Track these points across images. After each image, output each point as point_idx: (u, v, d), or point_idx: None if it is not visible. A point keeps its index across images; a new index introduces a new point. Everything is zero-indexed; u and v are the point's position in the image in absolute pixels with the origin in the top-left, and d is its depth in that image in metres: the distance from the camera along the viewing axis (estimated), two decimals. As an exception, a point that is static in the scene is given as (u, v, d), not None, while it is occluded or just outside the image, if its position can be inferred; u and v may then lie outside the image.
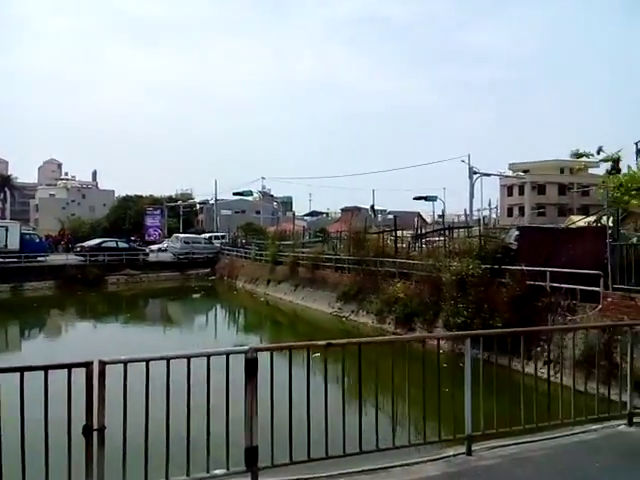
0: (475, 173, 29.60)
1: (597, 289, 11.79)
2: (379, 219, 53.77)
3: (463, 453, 4.63)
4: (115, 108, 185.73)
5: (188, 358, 3.87)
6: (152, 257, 39.88)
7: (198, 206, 65.42)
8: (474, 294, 14.49)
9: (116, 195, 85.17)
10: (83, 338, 20.51)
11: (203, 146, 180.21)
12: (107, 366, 3.56)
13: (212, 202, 56.13)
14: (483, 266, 14.95)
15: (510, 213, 61.47)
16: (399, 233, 22.92)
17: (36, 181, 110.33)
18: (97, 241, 39.12)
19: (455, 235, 21.53)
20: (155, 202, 57.85)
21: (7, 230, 33.52)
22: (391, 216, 39.64)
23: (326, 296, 22.86)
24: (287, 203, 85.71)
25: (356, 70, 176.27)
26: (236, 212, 59.44)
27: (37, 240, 36.17)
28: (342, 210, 65.19)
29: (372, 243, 21.31)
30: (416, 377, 4.78)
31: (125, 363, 3.65)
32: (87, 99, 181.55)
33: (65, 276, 32.58)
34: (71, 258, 35.88)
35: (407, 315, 17.23)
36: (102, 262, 35.43)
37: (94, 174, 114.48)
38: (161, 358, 3.79)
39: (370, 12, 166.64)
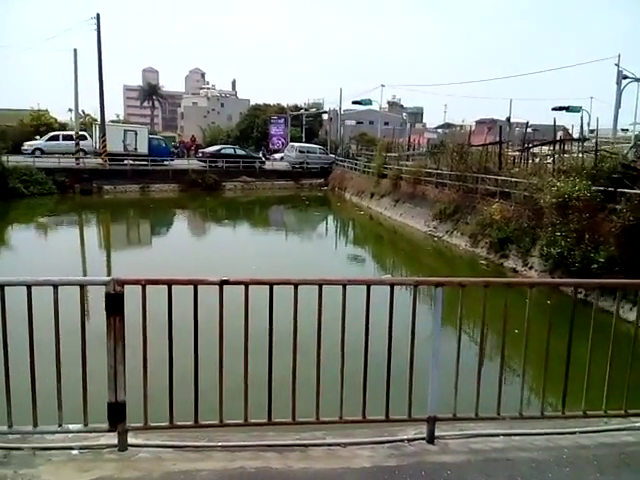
0: (625, 78, 24.36)
1: None
2: (516, 132, 48.56)
3: (423, 438, 3.53)
4: (255, 19, 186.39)
5: (28, 286, 3.16)
6: (268, 165, 40.65)
7: (325, 116, 64.66)
8: (576, 221, 12.22)
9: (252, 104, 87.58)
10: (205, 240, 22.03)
11: (335, 57, 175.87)
12: None
13: (339, 112, 54.81)
14: (594, 188, 12.42)
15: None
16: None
17: (183, 90, 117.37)
18: (216, 148, 40.74)
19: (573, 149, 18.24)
20: (281, 111, 58.19)
21: (136, 134, 36.14)
22: (530, 130, 35.16)
23: (423, 213, 21.43)
24: (417, 114, 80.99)
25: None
26: (359, 122, 57.29)
27: (163, 145, 38.60)
28: (476, 122, 60.03)
29: (475, 157, 18.96)
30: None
31: None
32: (229, 11, 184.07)
33: (187, 180, 34.65)
34: (193, 163, 37.94)
35: (501, 240, 15.40)
36: (220, 168, 36.89)
37: (233, 83, 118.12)
38: None
39: None
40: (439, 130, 62.38)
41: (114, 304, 3.19)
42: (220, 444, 3.43)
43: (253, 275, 3.46)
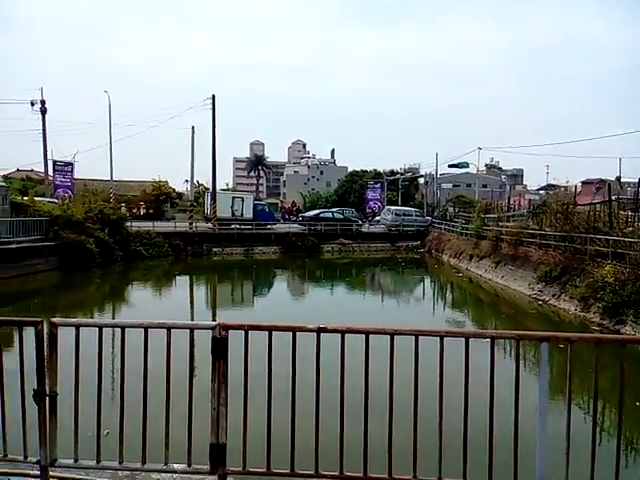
0: None
1: None
2: (628, 192, 45.26)
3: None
4: (350, 90, 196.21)
5: (145, 328, 3.45)
6: (364, 228, 41.22)
7: (421, 180, 65.04)
8: None
9: (349, 170, 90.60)
10: (303, 299, 22.71)
11: (430, 121, 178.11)
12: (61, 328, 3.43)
13: (435, 175, 54.97)
14: None
15: None
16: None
17: (286, 160, 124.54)
18: (316, 212, 42.22)
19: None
20: (377, 176, 59.45)
21: (243, 201, 38.68)
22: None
23: (527, 276, 20.31)
24: (517, 176, 78.67)
25: (604, 24, 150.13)
26: (455, 185, 56.84)
27: (267, 210, 40.79)
28: (582, 183, 56.90)
29: (582, 217, 17.90)
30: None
31: (77, 327, 3.48)
32: (327, 83, 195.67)
33: (287, 243, 36.08)
34: (293, 227, 39.51)
35: (616, 305, 14.12)
36: (319, 231, 38.07)
37: (332, 152, 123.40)
38: (113, 325, 3.60)
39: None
40: (541, 192, 59.81)
41: (219, 348, 3.40)
42: (314, 496, 3.42)
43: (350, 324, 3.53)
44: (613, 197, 19.27)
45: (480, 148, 48.89)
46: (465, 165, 45.81)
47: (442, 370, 3.35)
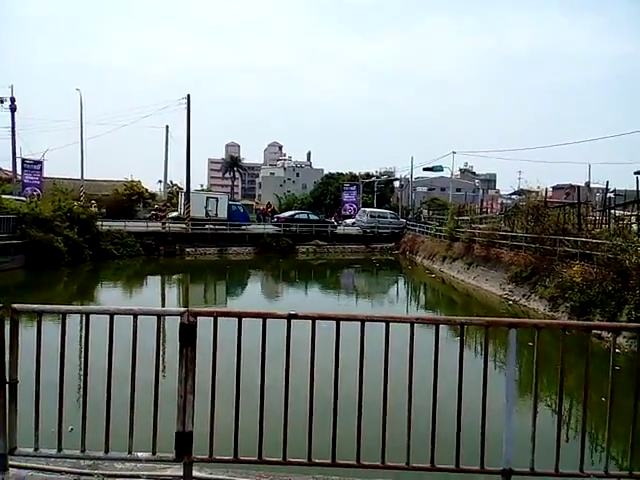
0: None
1: None
2: (597, 198, 46.51)
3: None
4: (328, 94, 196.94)
5: (111, 314, 3.38)
6: (339, 230, 41.33)
7: (397, 183, 65.59)
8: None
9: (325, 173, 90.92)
10: (277, 298, 22.60)
11: (406, 126, 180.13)
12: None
13: (410, 178, 55.50)
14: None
15: None
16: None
17: (262, 162, 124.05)
18: (291, 213, 42.20)
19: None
20: (353, 179, 59.75)
21: (217, 201, 38.35)
22: (612, 194, 33.62)
23: (498, 277, 20.68)
24: (490, 181, 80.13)
25: (576, 36, 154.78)
26: (430, 189, 57.54)
27: (241, 211, 40.54)
28: (553, 188, 58.22)
29: (552, 219, 18.30)
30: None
31: (39, 313, 3.39)
32: (304, 87, 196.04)
33: (262, 243, 35.90)
34: (268, 227, 39.38)
35: (583, 304, 14.45)
36: (294, 232, 37.99)
37: (308, 155, 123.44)
38: (78, 312, 3.51)
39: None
40: (513, 196, 60.94)
41: (187, 334, 3.33)
42: (283, 484, 3.38)
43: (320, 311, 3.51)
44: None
45: (454, 152, 49.47)
46: (440, 169, 46.36)
47: (412, 357, 3.36)
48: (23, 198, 29.53)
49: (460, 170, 79.23)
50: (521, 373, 5.02)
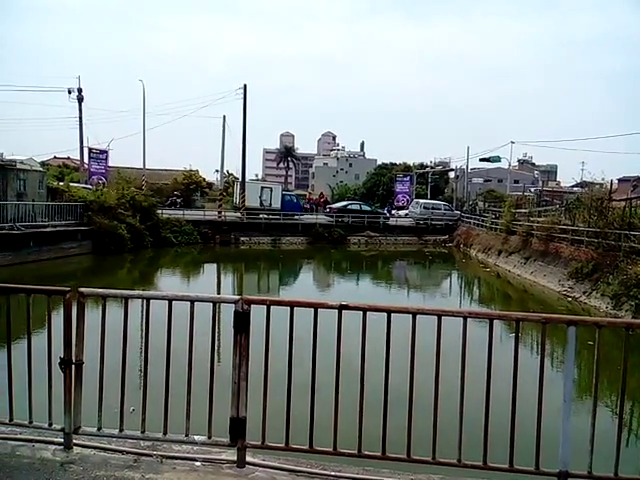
0: None
1: None
2: (668, 191, 43.66)
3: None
4: (382, 82, 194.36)
5: (170, 300, 3.52)
6: (392, 221, 40.92)
7: (452, 174, 64.12)
8: None
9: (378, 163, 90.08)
10: (328, 289, 22.78)
11: (462, 114, 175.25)
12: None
13: (466, 169, 54.05)
14: None
15: None
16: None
17: (315, 152, 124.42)
18: (343, 203, 42.11)
19: None
20: (406, 169, 58.90)
21: (271, 191, 38.86)
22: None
23: (557, 272, 19.87)
24: (551, 172, 76.81)
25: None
26: (486, 180, 55.82)
27: (295, 201, 40.89)
28: (619, 180, 55.11)
29: (617, 213, 17.36)
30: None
31: (104, 297, 3.57)
32: (358, 76, 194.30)
33: (314, 234, 36.13)
34: (321, 218, 39.50)
35: (651, 303, 13.68)
36: (346, 223, 37.96)
37: (362, 145, 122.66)
38: (139, 297, 3.68)
39: None
40: (575, 189, 58.19)
41: (241, 322, 3.42)
42: (333, 474, 3.42)
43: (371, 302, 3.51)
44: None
45: (513, 142, 47.70)
46: (497, 159, 44.78)
47: (464, 352, 3.30)
48: (90, 186, 31.07)
49: (519, 161, 76.54)
50: (580, 373, 4.82)
